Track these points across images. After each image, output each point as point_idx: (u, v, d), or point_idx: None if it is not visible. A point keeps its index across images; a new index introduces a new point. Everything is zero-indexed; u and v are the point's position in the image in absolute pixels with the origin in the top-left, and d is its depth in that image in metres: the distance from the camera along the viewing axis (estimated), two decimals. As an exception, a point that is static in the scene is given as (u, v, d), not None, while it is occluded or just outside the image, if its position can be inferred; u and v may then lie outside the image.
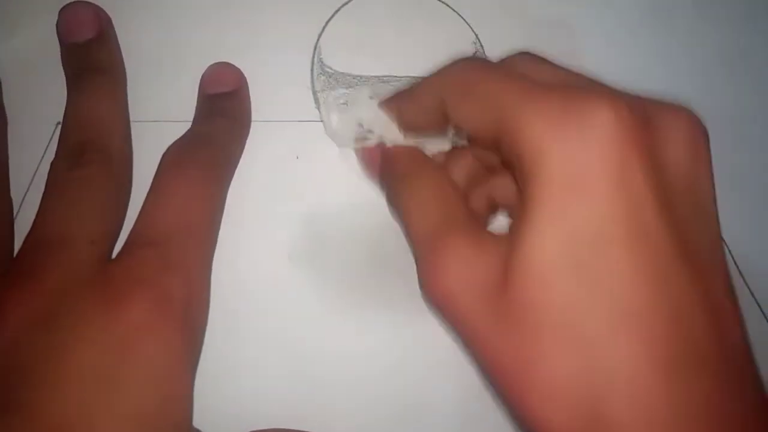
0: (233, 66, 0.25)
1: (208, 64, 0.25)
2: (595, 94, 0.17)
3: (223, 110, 0.25)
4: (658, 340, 0.16)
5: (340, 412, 0.24)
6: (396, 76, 0.26)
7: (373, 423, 0.24)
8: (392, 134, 0.23)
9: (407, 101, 0.22)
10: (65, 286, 0.20)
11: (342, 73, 0.26)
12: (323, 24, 0.26)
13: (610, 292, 0.16)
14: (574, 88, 0.18)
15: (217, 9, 0.26)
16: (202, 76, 0.25)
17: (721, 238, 0.18)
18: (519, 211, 0.17)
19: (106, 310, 0.19)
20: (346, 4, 0.26)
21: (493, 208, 0.24)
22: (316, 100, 0.26)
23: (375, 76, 0.26)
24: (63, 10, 0.24)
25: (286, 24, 0.26)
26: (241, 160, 0.25)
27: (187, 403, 0.20)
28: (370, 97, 0.23)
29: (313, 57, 0.26)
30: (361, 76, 0.26)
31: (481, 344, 0.18)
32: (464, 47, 0.27)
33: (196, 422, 0.21)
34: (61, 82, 0.24)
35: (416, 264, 0.20)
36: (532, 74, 0.19)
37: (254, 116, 0.26)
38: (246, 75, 0.26)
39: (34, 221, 0.21)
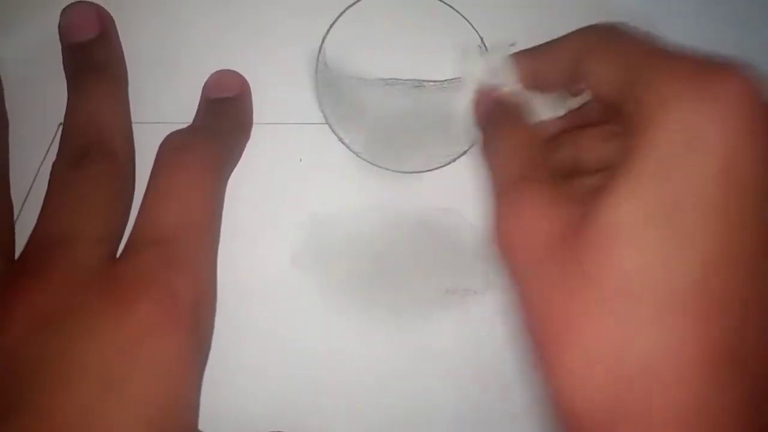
0: (237, 73, 0.25)
1: (211, 66, 0.25)
2: (731, 68, 0.16)
3: (224, 112, 0.25)
4: (711, 335, 0.15)
5: (341, 416, 0.24)
6: (401, 79, 0.26)
7: (375, 427, 0.24)
8: (515, 88, 0.23)
9: (543, 54, 0.22)
10: (71, 285, 0.19)
11: (347, 75, 0.26)
12: (328, 26, 0.26)
13: (682, 270, 0.15)
14: (709, 58, 0.17)
15: (219, 11, 0.26)
16: (206, 82, 0.25)
17: None
18: (616, 164, 0.17)
19: (113, 310, 0.19)
20: (350, 6, 0.26)
21: (576, 170, 0.23)
22: (321, 103, 0.26)
23: (380, 79, 0.26)
24: (65, 10, 0.24)
25: (290, 26, 0.26)
26: (245, 163, 0.25)
27: (194, 403, 0.20)
28: (505, 47, 0.23)
29: (317, 59, 0.26)
30: (365, 79, 0.26)
31: (535, 296, 0.18)
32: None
33: (199, 424, 0.21)
34: (63, 83, 0.24)
35: (493, 209, 0.20)
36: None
37: (257, 119, 0.26)
38: (249, 77, 0.25)
39: (38, 220, 0.21)
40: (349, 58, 0.26)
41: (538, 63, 0.22)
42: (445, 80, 0.26)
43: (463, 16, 0.26)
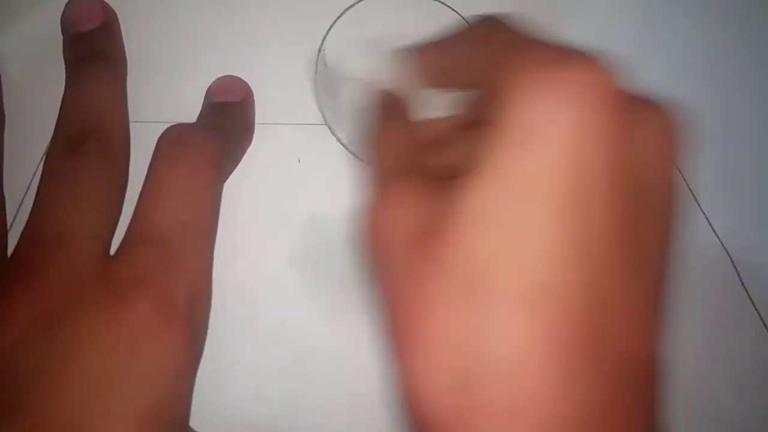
0: (241, 79, 0.25)
1: (210, 66, 0.25)
2: (583, 58, 0.15)
3: (227, 115, 0.25)
4: (564, 326, 0.14)
5: (338, 415, 0.23)
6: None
7: (374, 426, 0.24)
8: (404, 83, 0.22)
9: (423, 55, 0.22)
10: (67, 284, 0.19)
11: (346, 77, 0.26)
12: (327, 27, 0.26)
13: (530, 259, 0.15)
14: (568, 49, 0.16)
15: (219, 11, 0.26)
16: (209, 87, 0.25)
17: (668, 255, 0.17)
18: (476, 155, 0.16)
19: (110, 310, 0.19)
20: (350, 7, 0.26)
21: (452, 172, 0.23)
22: (320, 103, 0.26)
23: (380, 80, 0.26)
24: (70, 2, 0.24)
25: (290, 27, 0.26)
26: (243, 163, 0.25)
27: (187, 403, 0.20)
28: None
29: (317, 60, 0.26)
30: (365, 80, 0.26)
31: (390, 290, 0.17)
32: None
33: (195, 423, 0.21)
34: (63, 79, 0.24)
35: (363, 201, 0.20)
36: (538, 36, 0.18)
37: (256, 119, 0.26)
38: (248, 77, 0.25)
39: (32, 213, 0.21)
40: (349, 59, 0.26)
41: (425, 61, 0.22)
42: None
43: (463, 18, 0.26)
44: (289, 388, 0.23)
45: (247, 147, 0.25)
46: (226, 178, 0.24)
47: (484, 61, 0.18)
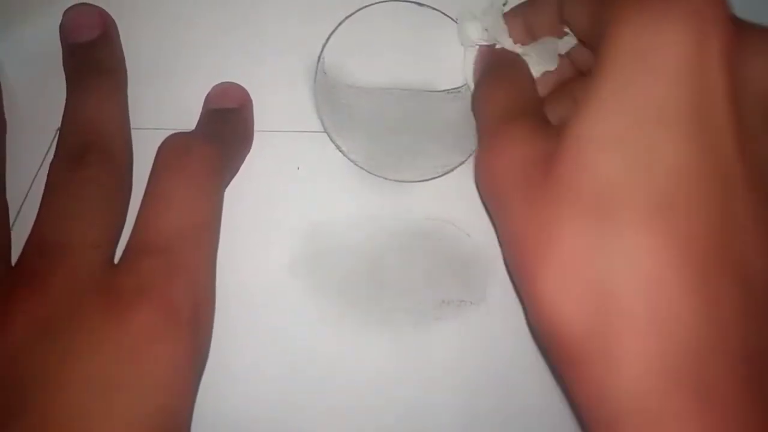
0: (239, 86, 0.25)
1: (210, 73, 0.25)
2: None
3: (225, 121, 0.25)
4: (693, 240, 0.14)
5: (337, 422, 0.24)
6: (400, 89, 0.26)
7: None
8: (507, 43, 0.23)
9: (530, 6, 0.23)
10: (69, 292, 0.19)
11: (346, 84, 0.26)
12: (327, 34, 0.26)
13: (656, 179, 0.15)
14: None
15: (218, 18, 0.26)
16: (208, 94, 0.25)
17: None
18: (588, 88, 0.17)
19: (112, 319, 0.19)
20: (351, 15, 0.26)
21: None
22: (319, 111, 0.26)
23: (379, 88, 0.26)
24: (68, 11, 0.24)
25: (289, 34, 0.26)
26: (243, 170, 0.25)
27: (189, 411, 0.21)
28: (497, 8, 0.24)
29: (317, 67, 0.26)
30: (364, 88, 0.26)
31: (513, 218, 0.17)
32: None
33: (195, 428, 0.21)
34: (63, 86, 0.24)
35: (477, 148, 0.20)
36: None
37: (255, 126, 0.26)
38: (247, 84, 0.25)
39: (36, 224, 0.21)
40: (348, 67, 0.26)
41: (527, 16, 0.23)
42: (444, 90, 0.26)
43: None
44: (289, 395, 0.24)
45: (247, 153, 0.25)
46: (227, 185, 0.24)
47: (584, 6, 0.19)
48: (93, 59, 0.24)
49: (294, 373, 0.24)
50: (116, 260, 0.21)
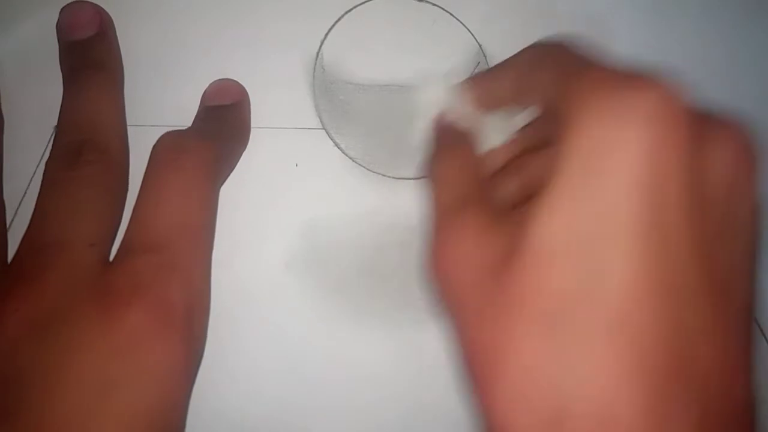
0: (236, 82, 0.25)
1: (208, 70, 0.25)
2: (652, 81, 0.15)
3: (221, 118, 0.24)
4: (648, 356, 0.14)
5: (335, 420, 0.23)
6: (399, 85, 0.26)
7: (370, 429, 0.24)
8: (463, 111, 0.23)
9: (495, 74, 0.22)
10: (64, 291, 0.19)
11: (344, 81, 0.26)
12: (325, 31, 0.26)
13: (609, 292, 0.14)
14: (632, 69, 0.16)
15: (217, 15, 0.26)
16: (205, 91, 0.25)
17: (752, 282, 0.16)
18: (544, 183, 0.16)
19: (106, 317, 0.19)
20: (349, 11, 0.26)
21: (526, 198, 0.22)
22: (317, 107, 0.26)
23: (378, 85, 0.26)
24: (65, 9, 0.24)
25: (288, 31, 0.26)
26: (240, 167, 0.25)
27: (184, 410, 0.20)
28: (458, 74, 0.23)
29: (315, 64, 0.26)
30: (362, 84, 0.26)
31: (467, 326, 0.17)
32: (467, 56, 0.27)
33: (193, 426, 0.21)
34: (60, 85, 0.24)
35: (429, 235, 0.19)
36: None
37: (253, 123, 0.26)
38: (246, 81, 0.25)
39: (31, 222, 0.21)
40: (347, 63, 0.26)
41: (488, 83, 0.22)
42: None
43: (460, 22, 0.26)
44: (287, 392, 0.23)
45: (243, 150, 0.25)
46: (223, 182, 0.24)
47: (547, 80, 0.18)
48: (89, 57, 0.24)
49: (291, 369, 0.24)
50: (112, 258, 0.21)
